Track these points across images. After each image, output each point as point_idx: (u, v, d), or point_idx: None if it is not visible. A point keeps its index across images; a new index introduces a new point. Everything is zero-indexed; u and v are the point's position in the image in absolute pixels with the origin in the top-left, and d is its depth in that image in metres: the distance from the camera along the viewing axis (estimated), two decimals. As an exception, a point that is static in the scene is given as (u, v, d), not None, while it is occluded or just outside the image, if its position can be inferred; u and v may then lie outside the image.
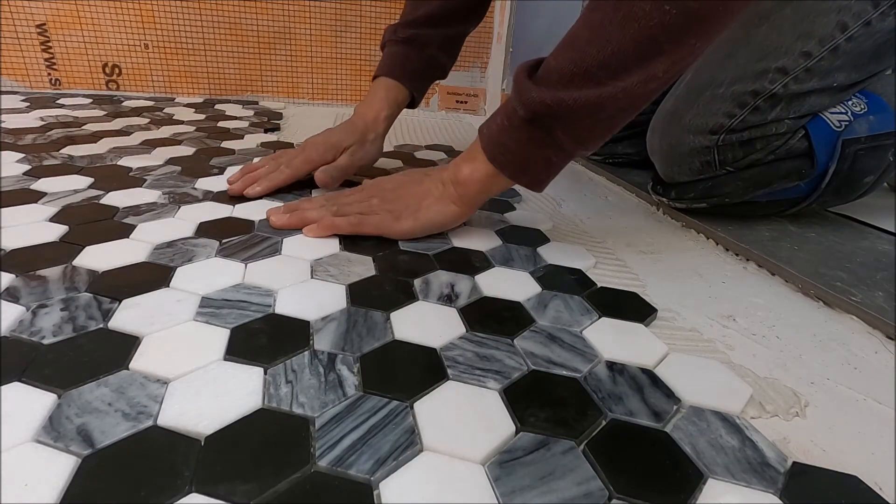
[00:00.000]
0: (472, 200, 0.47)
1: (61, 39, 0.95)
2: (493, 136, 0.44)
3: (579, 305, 0.39)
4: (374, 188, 0.50)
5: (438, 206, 0.47)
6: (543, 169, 0.43)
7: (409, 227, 0.46)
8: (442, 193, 0.47)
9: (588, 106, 0.38)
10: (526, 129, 0.41)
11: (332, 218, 0.46)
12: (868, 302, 0.41)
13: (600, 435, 0.26)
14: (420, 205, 0.47)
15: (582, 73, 0.38)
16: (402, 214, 0.47)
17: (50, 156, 0.61)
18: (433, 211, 0.47)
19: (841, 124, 0.52)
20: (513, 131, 0.42)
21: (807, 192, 0.55)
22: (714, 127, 0.53)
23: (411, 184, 0.49)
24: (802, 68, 0.50)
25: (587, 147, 0.42)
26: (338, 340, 0.32)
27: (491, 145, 0.44)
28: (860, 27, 0.49)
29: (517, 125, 0.41)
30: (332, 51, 1.10)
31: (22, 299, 0.33)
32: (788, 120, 0.52)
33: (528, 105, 0.40)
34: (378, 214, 0.47)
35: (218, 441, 0.24)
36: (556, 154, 0.42)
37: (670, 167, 0.59)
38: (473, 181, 0.45)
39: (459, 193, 0.46)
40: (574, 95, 0.38)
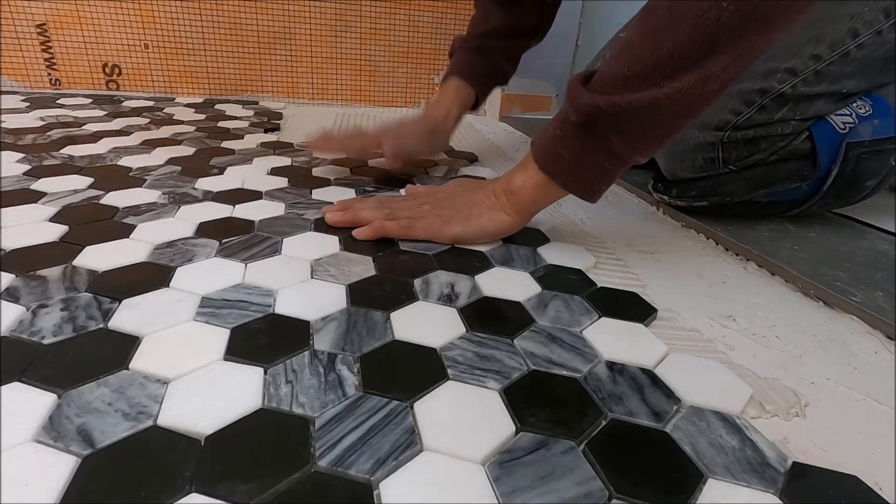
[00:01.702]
0: (524, 210, 0.47)
1: (61, 39, 0.95)
2: (545, 146, 0.43)
3: (579, 305, 0.39)
4: (426, 195, 0.50)
5: (489, 214, 0.47)
6: (597, 178, 0.42)
7: (459, 232, 0.46)
8: (494, 203, 0.47)
9: (643, 109, 0.37)
10: (579, 136, 0.40)
11: (383, 221, 0.46)
12: (868, 302, 0.41)
13: (600, 435, 0.26)
14: (471, 212, 0.47)
15: (636, 75, 0.37)
16: (453, 220, 0.47)
17: (50, 156, 0.61)
18: (484, 218, 0.47)
19: (846, 126, 0.52)
20: (566, 139, 0.41)
21: (808, 193, 0.55)
22: (720, 123, 0.53)
23: (464, 192, 0.49)
24: (812, 70, 0.50)
25: (642, 153, 0.41)
26: (338, 340, 0.32)
27: (543, 155, 0.43)
28: (871, 35, 0.49)
29: (570, 133, 0.41)
30: (332, 51, 1.10)
31: (22, 299, 0.33)
32: (794, 121, 0.52)
33: (581, 110, 0.39)
34: (427, 219, 0.47)
35: (218, 441, 0.24)
36: (611, 161, 0.41)
37: (673, 163, 0.59)
38: (525, 190, 0.45)
39: (511, 203, 0.46)
40: (628, 98, 0.37)
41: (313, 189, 0.59)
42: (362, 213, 0.48)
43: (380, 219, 0.47)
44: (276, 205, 0.53)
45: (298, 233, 0.47)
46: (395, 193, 0.60)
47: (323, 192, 0.58)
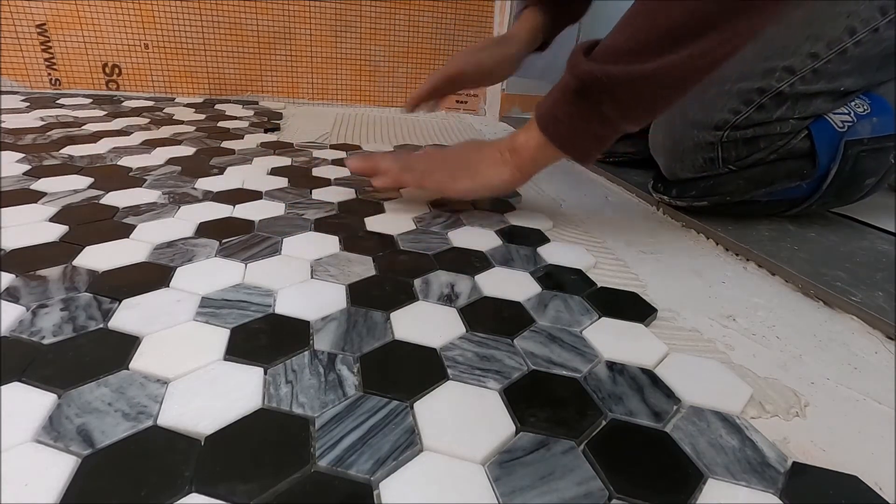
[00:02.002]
0: (526, 168, 0.50)
1: (61, 39, 0.95)
2: (545, 109, 0.46)
3: (579, 305, 0.39)
4: (439, 152, 0.54)
5: (494, 169, 0.50)
6: (591, 142, 0.45)
7: (467, 187, 0.51)
8: (498, 159, 0.50)
9: (636, 80, 0.40)
10: (576, 101, 0.44)
11: (399, 171, 0.51)
12: (868, 302, 0.41)
13: (600, 435, 0.26)
14: (478, 168, 0.51)
15: (633, 48, 0.40)
16: (461, 175, 0.51)
17: (50, 156, 0.61)
18: (490, 174, 0.50)
19: (844, 125, 0.52)
20: (564, 104, 0.45)
21: (808, 192, 0.55)
22: (719, 123, 0.54)
23: (472, 150, 0.53)
24: (809, 69, 0.50)
25: (633, 122, 0.43)
26: (338, 340, 0.32)
27: (543, 118, 0.47)
28: (868, 33, 0.49)
29: (569, 98, 0.44)
30: (332, 51, 1.10)
31: (22, 299, 0.33)
32: (793, 120, 0.52)
33: (579, 77, 0.42)
34: (439, 173, 0.51)
35: (218, 441, 0.24)
36: (603, 127, 0.44)
37: (673, 163, 0.59)
38: (527, 149, 0.49)
39: (514, 160, 0.50)
40: (624, 69, 0.40)
41: (313, 189, 0.59)
42: (381, 164, 0.52)
43: (395, 170, 0.51)
44: (276, 205, 0.53)
45: (298, 233, 0.47)
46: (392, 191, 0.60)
47: (323, 192, 0.58)
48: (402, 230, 0.50)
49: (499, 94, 1.15)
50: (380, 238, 0.47)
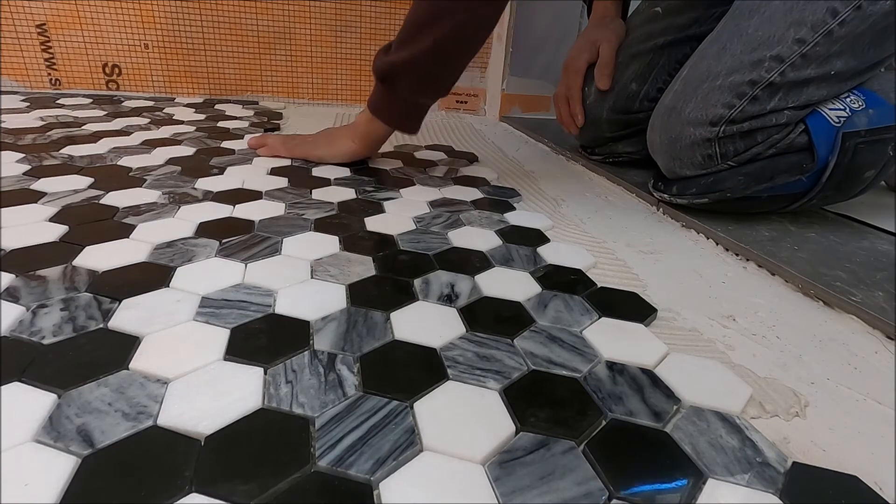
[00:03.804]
0: (364, 139, 0.67)
1: (61, 39, 0.95)
2: (371, 97, 0.64)
3: (579, 305, 0.39)
4: (316, 134, 0.72)
5: (342, 141, 0.68)
6: (402, 114, 0.63)
7: (321, 153, 0.69)
8: (346, 134, 0.68)
9: (406, 63, 0.57)
10: (381, 87, 0.62)
11: (277, 145, 0.69)
12: (868, 302, 0.41)
13: (600, 435, 0.26)
14: (332, 141, 0.69)
15: (401, 40, 0.57)
16: (320, 146, 0.69)
17: (50, 156, 0.61)
18: (339, 144, 0.68)
19: (840, 120, 0.52)
20: (376, 90, 0.63)
21: (808, 186, 0.55)
22: (714, 118, 0.53)
23: (333, 130, 0.71)
24: (798, 54, 0.50)
25: (422, 94, 0.61)
26: (338, 340, 0.32)
27: (370, 101, 0.64)
28: (851, 11, 0.49)
29: (377, 87, 0.63)
30: (332, 51, 1.10)
31: (22, 299, 0.33)
32: (788, 110, 0.52)
33: (375, 71, 0.61)
34: (305, 146, 0.69)
35: (218, 441, 0.24)
36: (404, 102, 0.62)
37: (672, 161, 0.59)
38: (362, 124, 0.66)
39: (357, 133, 0.67)
40: (396, 58, 0.57)
41: (313, 189, 0.59)
42: (268, 140, 0.71)
43: (276, 144, 0.70)
44: (276, 205, 0.53)
45: (298, 233, 0.47)
46: (391, 191, 0.60)
47: (323, 192, 0.58)
48: (402, 230, 0.50)
49: (499, 95, 1.15)
50: (380, 238, 0.47)
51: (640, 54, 0.72)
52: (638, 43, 0.73)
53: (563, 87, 0.79)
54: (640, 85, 0.73)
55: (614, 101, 0.74)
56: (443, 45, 0.54)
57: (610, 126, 0.76)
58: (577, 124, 0.78)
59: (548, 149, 0.94)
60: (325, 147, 0.68)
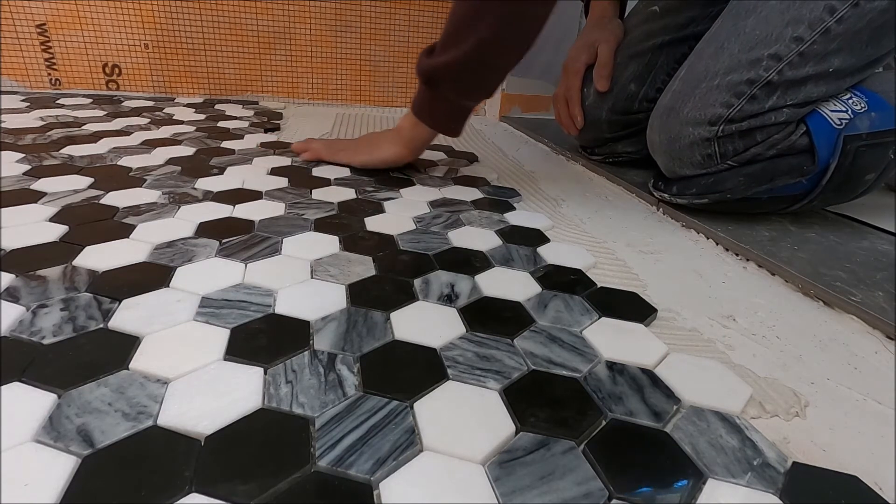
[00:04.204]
0: (409, 143, 0.65)
1: (61, 39, 0.95)
2: (415, 100, 0.63)
3: (579, 305, 0.39)
4: (359, 139, 0.71)
5: (386, 145, 0.66)
6: (447, 117, 0.62)
7: (364, 159, 0.67)
8: (391, 138, 0.66)
9: (452, 64, 0.55)
10: (425, 90, 0.60)
11: (319, 149, 0.69)
12: (868, 302, 0.41)
13: (600, 435, 0.26)
14: (376, 146, 0.67)
15: (447, 40, 0.55)
16: (363, 151, 0.68)
17: (50, 156, 0.61)
18: (382, 149, 0.66)
19: (842, 122, 0.52)
20: (420, 93, 0.62)
21: (808, 188, 0.55)
22: (712, 118, 0.53)
23: (376, 134, 0.70)
24: (795, 53, 0.50)
25: (466, 96, 0.59)
26: (338, 340, 0.32)
27: (413, 104, 0.63)
28: (848, 8, 0.49)
29: (421, 90, 0.61)
30: (332, 51, 1.10)
31: (22, 299, 0.33)
32: (787, 108, 0.52)
33: (419, 72, 0.59)
34: (348, 151, 0.68)
35: (218, 441, 0.24)
36: (449, 104, 0.60)
37: (671, 161, 0.59)
38: (406, 128, 0.65)
39: (402, 137, 0.65)
40: (442, 59, 0.55)
41: (313, 189, 0.59)
42: (311, 144, 0.70)
43: (319, 148, 0.69)
44: (276, 205, 0.53)
45: (298, 233, 0.47)
46: (391, 191, 0.60)
47: (323, 192, 0.58)
48: (402, 230, 0.50)
49: (499, 94, 1.15)
50: (380, 238, 0.47)
51: (639, 54, 0.72)
52: (636, 43, 0.73)
53: (562, 88, 0.79)
54: (639, 85, 0.73)
55: (613, 102, 0.74)
56: (487, 45, 0.52)
57: (609, 127, 0.76)
58: (577, 125, 0.78)
59: (548, 149, 0.94)
60: (368, 152, 0.67)
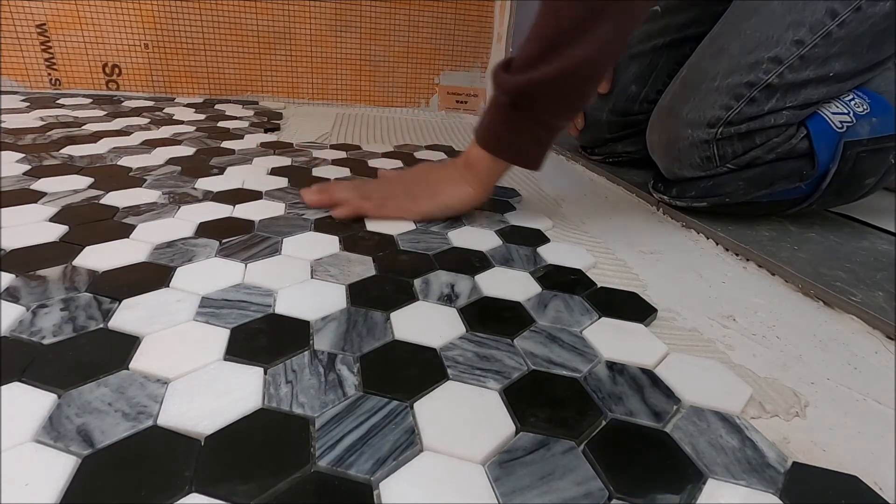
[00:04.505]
0: (484, 181, 0.52)
1: (61, 39, 0.95)
2: (483, 130, 0.50)
3: (579, 305, 0.39)
4: (396, 177, 0.55)
5: (454, 188, 0.51)
6: (534, 147, 0.49)
7: (428, 209, 0.51)
8: (457, 177, 0.52)
9: (556, 78, 0.44)
10: (510, 113, 0.48)
11: (359, 201, 0.50)
12: (868, 302, 0.41)
13: (600, 435, 0.26)
14: (437, 189, 0.52)
15: (544, 50, 0.44)
16: (421, 197, 0.51)
17: (50, 156, 0.61)
18: (450, 192, 0.51)
19: (843, 125, 0.52)
20: (500, 121, 0.49)
21: (807, 192, 0.55)
22: (711, 120, 0.53)
23: (429, 171, 0.54)
24: (796, 56, 0.50)
25: (565, 117, 0.49)
26: (338, 340, 0.32)
27: (485, 139, 0.50)
28: (851, 13, 0.48)
29: (503, 113, 0.48)
30: (332, 51, 1.10)
31: (22, 299, 0.33)
32: (786, 111, 0.52)
33: (508, 91, 0.46)
34: (398, 199, 0.51)
35: (218, 441, 0.24)
36: (541, 129, 0.48)
37: (670, 162, 0.59)
38: (481, 162, 0.51)
39: (473, 175, 0.51)
40: (543, 72, 0.44)
41: (313, 189, 0.59)
42: (338, 194, 0.51)
43: (355, 199, 0.50)
44: (276, 205, 0.53)
45: (298, 233, 0.47)
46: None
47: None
48: (402, 230, 0.49)
49: (499, 94, 1.15)
50: (380, 238, 0.47)
51: (640, 55, 0.72)
52: (637, 44, 0.73)
53: None
54: (639, 87, 0.73)
55: (614, 104, 0.74)
56: (604, 51, 0.44)
57: (610, 127, 0.76)
58: (577, 127, 0.78)
59: (548, 149, 0.94)
60: (430, 197, 0.51)
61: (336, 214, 0.50)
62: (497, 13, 1.14)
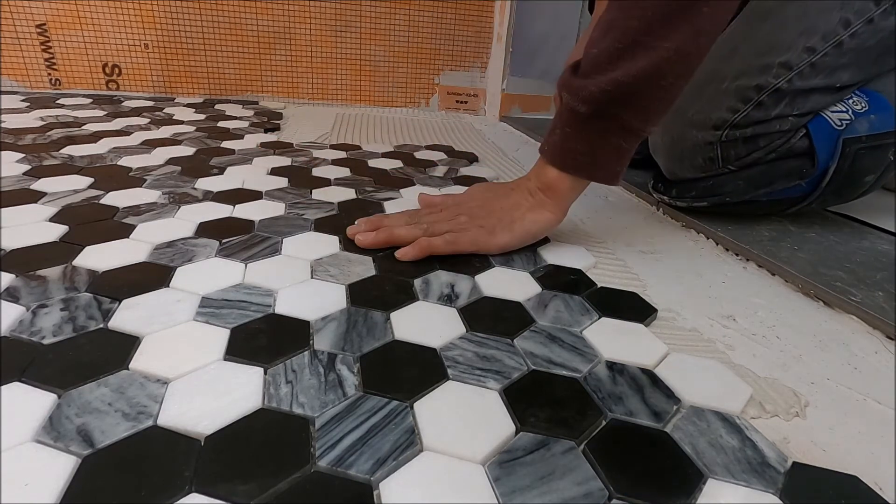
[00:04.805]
0: (564, 206, 0.47)
1: (61, 39, 0.95)
2: (557, 148, 0.44)
3: (579, 305, 0.39)
4: (458, 206, 0.48)
5: (532, 215, 0.46)
6: (615, 160, 0.43)
7: (507, 241, 0.45)
8: (533, 203, 0.46)
9: (646, 77, 0.38)
10: (590, 124, 0.42)
11: (428, 239, 0.44)
12: (868, 302, 0.41)
13: (600, 435, 0.26)
14: (513, 217, 0.46)
15: (629, 45, 0.38)
16: (496, 228, 0.46)
17: (50, 156, 0.61)
18: (528, 221, 0.46)
19: (842, 123, 0.52)
20: (577, 133, 0.42)
21: (808, 191, 0.55)
22: (717, 122, 0.53)
23: (496, 198, 0.48)
24: (807, 63, 0.50)
25: (654, 122, 0.42)
26: (338, 340, 0.32)
27: (560, 157, 0.44)
28: (863, 24, 0.49)
29: (580, 126, 0.42)
30: (332, 51, 1.10)
31: (22, 299, 0.33)
32: (792, 117, 0.52)
33: (588, 100, 0.40)
34: (470, 231, 0.45)
35: (218, 441, 0.24)
36: (626, 139, 0.42)
37: (673, 163, 0.59)
38: (561, 181, 0.45)
39: (551, 199, 0.46)
40: (629, 71, 0.38)
41: (313, 189, 0.59)
42: (398, 232, 0.45)
43: (420, 236, 0.44)
44: (276, 205, 0.53)
45: (298, 233, 0.47)
46: (391, 191, 0.60)
47: (323, 192, 0.58)
48: (402, 230, 0.49)
49: (499, 94, 1.15)
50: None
51: None
52: None
53: None
54: None
55: None
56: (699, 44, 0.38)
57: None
58: None
59: (548, 149, 0.94)
60: (505, 229, 0.46)
61: (403, 256, 0.43)
62: (497, 13, 1.14)
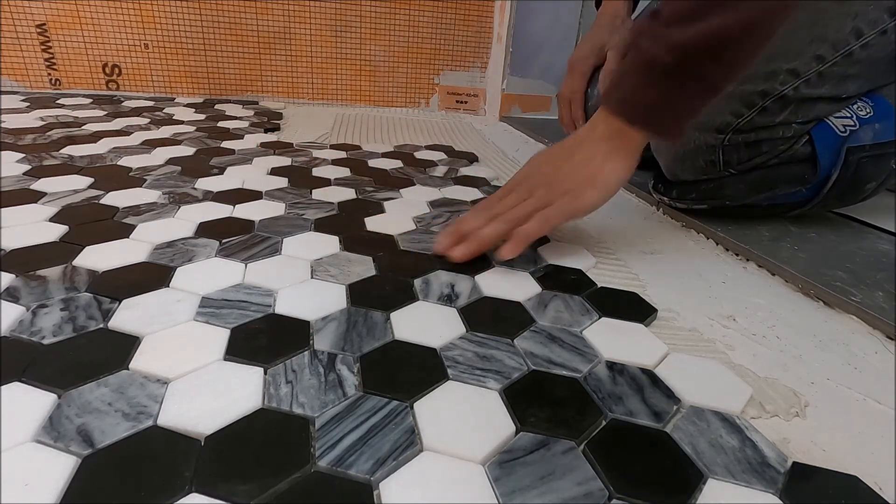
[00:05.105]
0: (636, 154, 0.43)
1: (61, 39, 0.95)
2: (627, 99, 0.41)
3: (579, 305, 0.39)
4: (530, 180, 0.45)
5: (610, 164, 0.43)
6: (687, 114, 0.40)
7: (596, 198, 0.43)
8: (607, 150, 0.43)
9: (741, 29, 0.36)
10: (672, 76, 0.38)
11: (522, 228, 0.42)
12: (868, 302, 0.41)
13: (600, 435, 0.26)
14: (591, 171, 0.43)
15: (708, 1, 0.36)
16: (578, 189, 0.43)
17: (50, 156, 0.61)
18: (608, 170, 0.43)
19: (846, 129, 0.51)
20: (654, 85, 0.39)
21: (809, 196, 0.55)
22: (720, 125, 0.53)
23: (567, 158, 0.45)
24: (815, 72, 0.49)
25: (732, 82, 0.39)
26: (338, 340, 0.32)
27: (630, 108, 0.41)
28: (876, 35, 0.48)
29: (659, 77, 0.39)
30: (332, 51, 1.10)
31: (22, 299, 0.33)
32: (796, 124, 0.51)
33: (674, 49, 0.37)
34: (556, 202, 0.43)
35: (218, 441, 0.24)
36: (706, 95, 0.39)
37: (674, 164, 0.59)
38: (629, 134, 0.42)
39: (626, 145, 0.43)
40: (725, 21, 0.35)
41: (313, 189, 0.59)
42: (486, 235, 0.43)
43: (506, 230, 0.43)
44: (276, 205, 0.53)
45: (298, 233, 0.47)
46: (391, 191, 0.60)
47: (323, 192, 0.58)
48: (402, 230, 0.49)
49: (499, 94, 1.15)
50: (380, 238, 0.47)
51: None
52: None
53: (566, 87, 0.78)
54: None
55: None
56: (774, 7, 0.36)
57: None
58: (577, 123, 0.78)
59: (548, 149, 0.94)
60: (590, 186, 0.43)
61: (506, 255, 0.42)
62: (497, 13, 1.14)
